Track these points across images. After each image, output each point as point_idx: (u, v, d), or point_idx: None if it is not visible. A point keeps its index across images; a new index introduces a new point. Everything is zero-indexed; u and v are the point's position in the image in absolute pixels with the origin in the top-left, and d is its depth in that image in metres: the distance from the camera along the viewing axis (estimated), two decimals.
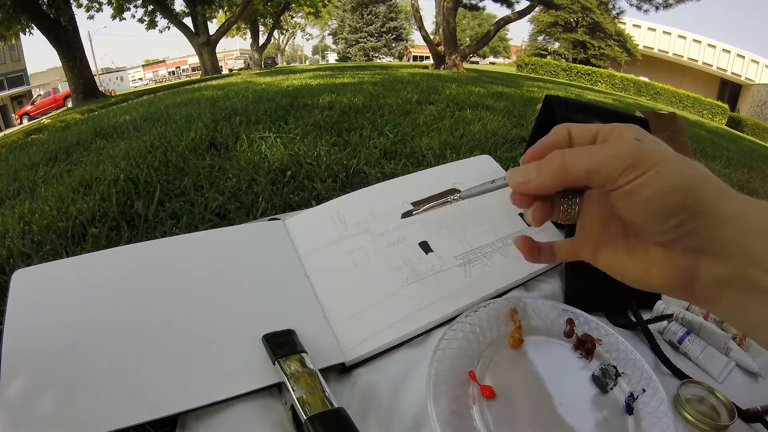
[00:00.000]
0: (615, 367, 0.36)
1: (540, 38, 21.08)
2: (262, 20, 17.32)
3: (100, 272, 0.39)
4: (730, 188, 0.23)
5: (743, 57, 17.93)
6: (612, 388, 0.36)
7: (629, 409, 0.34)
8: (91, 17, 10.94)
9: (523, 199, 0.28)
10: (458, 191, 0.53)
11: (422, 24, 9.35)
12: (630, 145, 0.24)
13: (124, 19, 12.04)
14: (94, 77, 9.91)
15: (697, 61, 18.81)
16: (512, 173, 0.28)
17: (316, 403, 0.30)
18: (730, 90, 18.56)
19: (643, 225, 0.25)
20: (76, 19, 8.79)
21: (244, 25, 16.92)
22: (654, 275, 0.26)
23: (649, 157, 0.23)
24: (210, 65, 12.16)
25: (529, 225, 0.49)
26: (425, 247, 0.47)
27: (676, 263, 0.25)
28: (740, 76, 18.04)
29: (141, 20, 12.69)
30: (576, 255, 0.33)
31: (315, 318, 0.40)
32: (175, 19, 12.16)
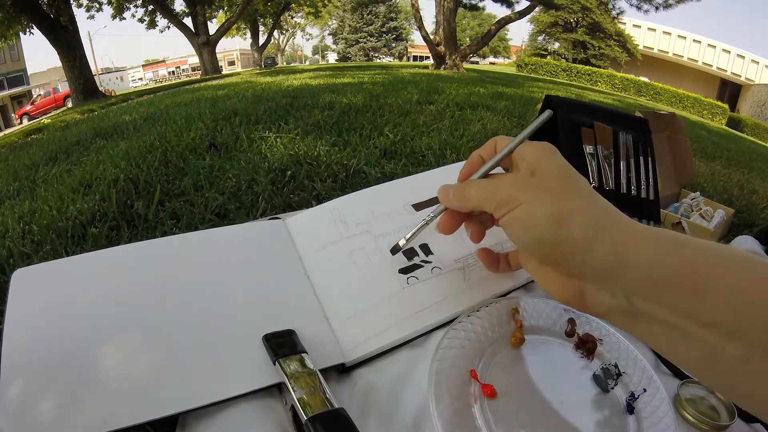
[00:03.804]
0: (616, 367, 0.36)
1: (540, 38, 21.10)
2: (262, 20, 17.33)
3: (100, 271, 0.39)
4: (620, 221, 0.25)
5: (743, 57, 17.94)
6: (613, 388, 0.36)
7: (630, 409, 0.34)
8: (91, 17, 10.94)
9: (447, 224, 0.35)
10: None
11: (422, 24, 9.35)
12: (506, 182, 0.28)
13: (124, 19, 12.06)
14: (94, 77, 9.91)
15: (697, 61, 18.82)
16: (440, 190, 0.34)
17: (317, 404, 0.30)
18: (730, 90, 18.56)
19: (524, 251, 0.29)
20: (76, 19, 8.78)
21: (244, 25, 16.93)
22: (553, 289, 0.29)
23: (519, 195, 0.26)
24: (210, 65, 12.16)
25: None
26: (425, 249, 0.47)
27: (565, 283, 0.27)
28: (740, 76, 18.04)
29: (141, 20, 12.70)
30: (521, 266, 0.36)
31: (315, 318, 0.40)
32: (175, 19, 12.16)
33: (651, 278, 0.22)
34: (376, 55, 26.12)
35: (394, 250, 0.43)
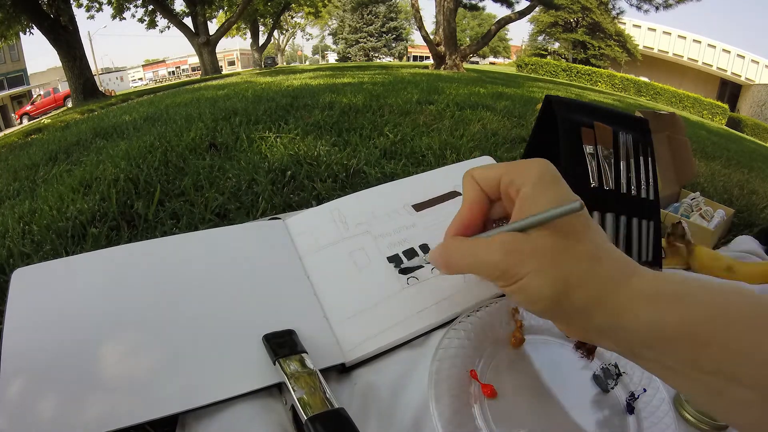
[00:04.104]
0: (616, 367, 0.36)
1: (540, 38, 21.10)
2: (262, 20, 17.33)
3: (100, 271, 0.39)
4: (618, 282, 0.24)
5: (743, 57, 17.94)
6: (613, 388, 0.36)
7: (630, 409, 0.34)
8: (91, 17, 10.95)
9: None
10: (458, 194, 0.53)
11: (422, 24, 9.35)
12: (501, 253, 0.26)
13: (124, 19, 12.05)
14: (94, 77, 9.91)
15: (697, 61, 18.82)
16: (429, 257, 0.31)
17: (317, 404, 0.30)
18: (730, 90, 18.56)
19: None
20: (76, 19, 8.79)
21: (244, 25, 16.93)
22: (560, 329, 0.28)
23: (519, 267, 0.25)
24: (210, 65, 12.16)
25: None
26: (426, 249, 0.47)
27: (570, 330, 0.27)
28: (740, 76, 18.05)
29: (141, 20, 12.70)
30: None
31: (315, 318, 0.40)
32: (175, 19, 12.16)
33: (649, 338, 0.23)
34: (376, 55, 26.12)
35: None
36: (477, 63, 25.37)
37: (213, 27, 12.96)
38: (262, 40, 18.54)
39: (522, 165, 0.27)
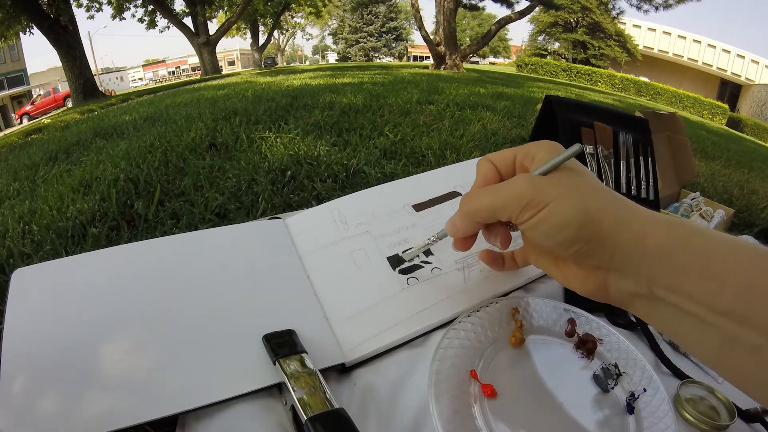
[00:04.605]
0: (616, 367, 0.36)
1: (540, 38, 21.11)
2: (262, 20, 17.34)
3: (100, 271, 0.39)
4: (635, 210, 0.26)
5: (743, 57, 17.95)
6: (613, 388, 0.36)
7: (630, 409, 0.34)
8: (91, 17, 10.95)
9: (462, 244, 0.35)
10: (459, 194, 0.53)
11: (422, 24, 9.36)
12: (526, 184, 0.27)
13: (124, 19, 12.07)
14: (94, 77, 9.92)
15: (697, 61, 18.83)
16: (447, 225, 0.34)
17: (317, 404, 0.30)
18: (730, 90, 18.57)
19: (551, 250, 0.29)
20: (76, 19, 8.79)
21: (244, 25, 16.93)
22: (573, 283, 0.29)
23: (545, 195, 0.26)
24: (210, 65, 12.17)
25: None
26: (426, 250, 0.47)
27: (588, 275, 0.28)
28: (740, 76, 18.05)
29: (141, 20, 12.71)
30: (527, 261, 0.37)
31: (315, 318, 0.40)
32: (175, 19, 12.17)
33: (667, 264, 0.23)
34: (376, 55, 26.12)
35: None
36: (477, 63, 25.37)
37: (213, 27, 12.97)
38: (262, 40, 18.55)
39: (533, 142, 0.31)
